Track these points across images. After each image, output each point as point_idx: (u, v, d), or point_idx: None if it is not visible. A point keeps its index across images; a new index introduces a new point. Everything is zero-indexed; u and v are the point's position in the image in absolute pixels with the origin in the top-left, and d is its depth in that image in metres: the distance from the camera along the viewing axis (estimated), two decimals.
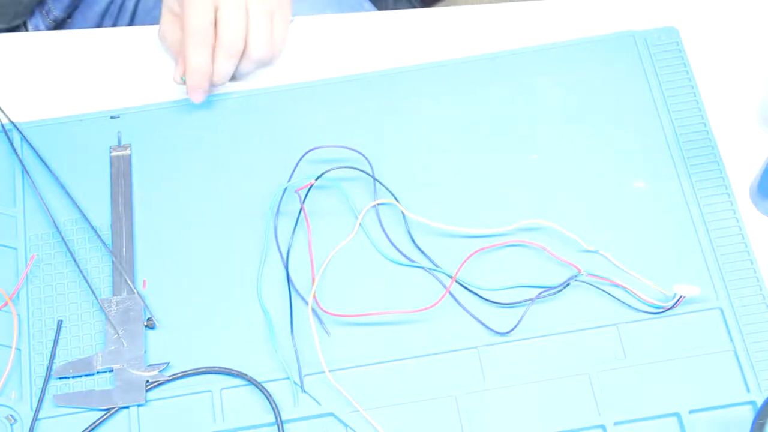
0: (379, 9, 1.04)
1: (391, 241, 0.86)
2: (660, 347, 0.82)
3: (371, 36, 0.95)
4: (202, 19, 0.88)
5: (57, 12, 1.09)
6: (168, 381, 0.82)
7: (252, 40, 0.89)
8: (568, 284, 0.83)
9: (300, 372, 0.82)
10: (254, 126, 0.92)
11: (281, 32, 0.92)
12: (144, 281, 0.86)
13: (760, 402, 0.79)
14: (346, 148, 0.88)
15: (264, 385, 0.81)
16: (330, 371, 0.82)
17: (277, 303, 0.85)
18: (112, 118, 0.93)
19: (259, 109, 0.93)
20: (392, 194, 0.87)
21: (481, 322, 0.83)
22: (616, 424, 0.80)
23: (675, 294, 0.82)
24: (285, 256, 0.86)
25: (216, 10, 0.88)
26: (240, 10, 0.88)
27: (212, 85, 0.90)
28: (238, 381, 0.82)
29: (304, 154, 0.88)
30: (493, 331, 0.82)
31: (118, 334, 0.84)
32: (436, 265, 0.85)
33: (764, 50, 0.94)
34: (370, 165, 0.88)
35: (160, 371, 0.82)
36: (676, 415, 0.80)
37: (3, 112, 0.92)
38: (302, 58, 0.95)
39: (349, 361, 0.82)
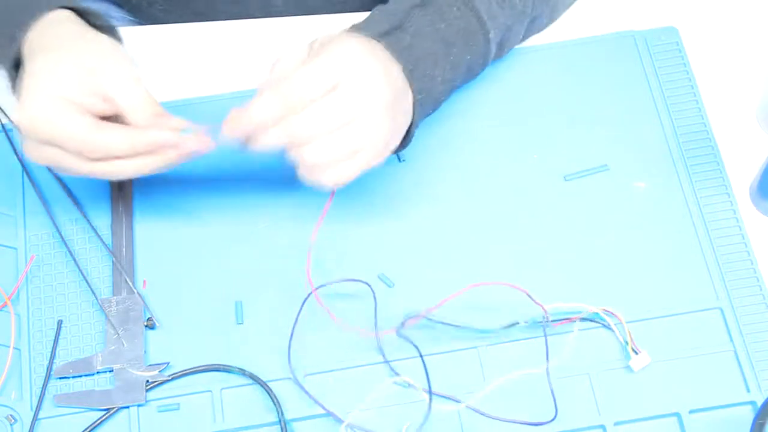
0: None
1: None
2: (660, 347, 0.82)
3: None
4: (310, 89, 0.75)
5: None
6: (168, 381, 0.82)
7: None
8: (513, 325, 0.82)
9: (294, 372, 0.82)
10: None
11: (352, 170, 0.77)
12: (144, 281, 0.86)
13: (760, 402, 0.79)
14: (351, 280, 0.84)
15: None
16: (330, 371, 0.82)
17: (277, 302, 0.85)
18: None
19: None
20: None
21: None
22: (616, 424, 0.80)
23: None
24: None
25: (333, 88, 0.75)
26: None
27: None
28: (238, 381, 0.82)
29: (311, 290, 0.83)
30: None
31: (118, 334, 0.84)
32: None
33: (764, 50, 0.94)
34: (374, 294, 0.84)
35: (160, 371, 0.82)
36: (676, 415, 0.80)
37: (3, 112, 0.92)
38: None
39: (349, 361, 0.83)
